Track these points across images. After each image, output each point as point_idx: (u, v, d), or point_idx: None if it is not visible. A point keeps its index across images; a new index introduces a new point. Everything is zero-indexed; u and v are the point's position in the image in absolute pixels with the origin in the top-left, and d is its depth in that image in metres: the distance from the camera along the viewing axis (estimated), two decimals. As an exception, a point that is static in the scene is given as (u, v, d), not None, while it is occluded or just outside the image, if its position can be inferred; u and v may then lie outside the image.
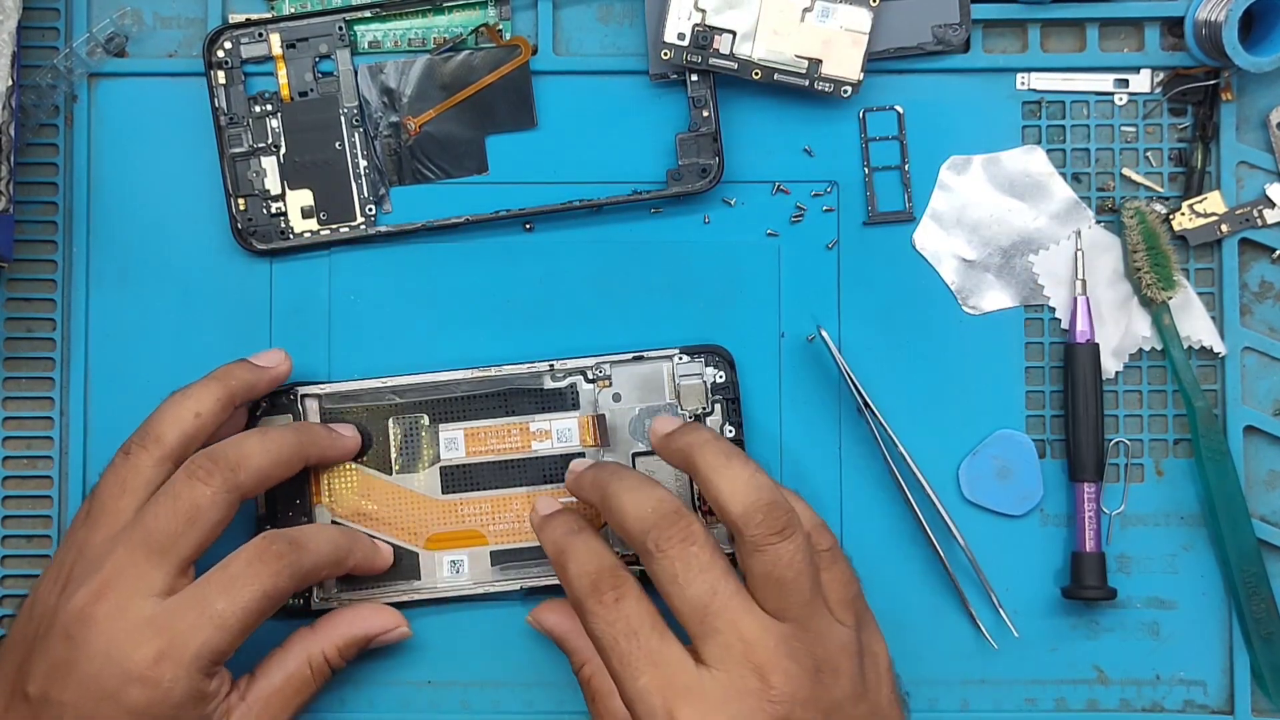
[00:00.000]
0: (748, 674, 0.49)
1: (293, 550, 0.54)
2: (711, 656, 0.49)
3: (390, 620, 0.58)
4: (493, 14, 0.61)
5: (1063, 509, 0.61)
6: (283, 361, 0.59)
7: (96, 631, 0.51)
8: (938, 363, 0.61)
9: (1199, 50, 0.60)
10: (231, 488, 0.53)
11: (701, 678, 0.49)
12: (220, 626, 0.51)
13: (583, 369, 0.60)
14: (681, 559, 0.50)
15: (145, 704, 0.51)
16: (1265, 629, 0.60)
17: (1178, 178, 0.61)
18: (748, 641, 0.49)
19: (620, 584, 0.51)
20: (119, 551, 0.52)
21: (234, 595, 0.52)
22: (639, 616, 0.50)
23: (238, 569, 0.52)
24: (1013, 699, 0.61)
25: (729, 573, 0.50)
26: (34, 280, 0.61)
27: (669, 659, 0.49)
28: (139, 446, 0.55)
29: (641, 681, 0.49)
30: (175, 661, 0.51)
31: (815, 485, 0.60)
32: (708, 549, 0.50)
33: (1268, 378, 0.61)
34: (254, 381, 0.57)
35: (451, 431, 0.60)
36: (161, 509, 0.52)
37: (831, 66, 0.60)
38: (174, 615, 0.51)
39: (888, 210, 0.61)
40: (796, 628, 0.50)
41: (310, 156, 0.61)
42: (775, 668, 0.49)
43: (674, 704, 0.48)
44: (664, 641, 0.50)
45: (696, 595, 0.49)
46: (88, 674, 0.51)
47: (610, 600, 0.50)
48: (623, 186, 0.61)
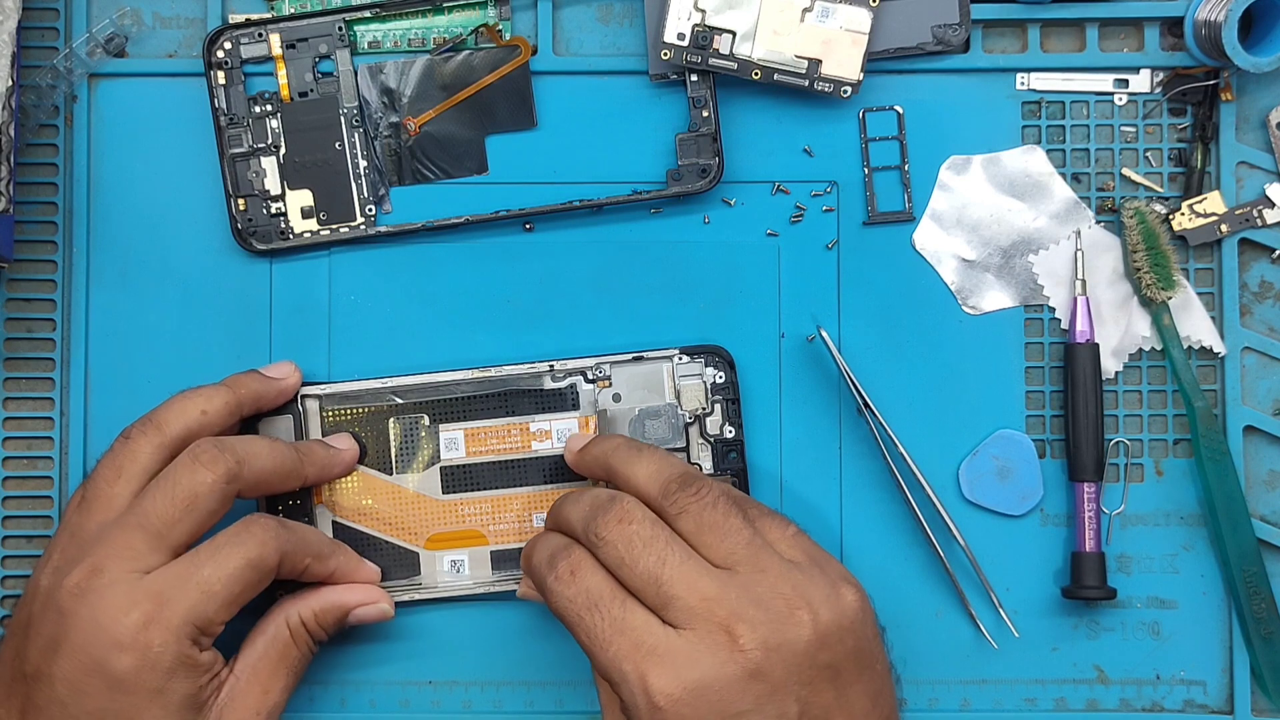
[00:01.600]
0: (714, 629, 0.49)
1: (281, 527, 0.55)
2: (676, 618, 0.49)
3: (370, 594, 0.58)
4: (492, 14, 0.61)
5: (1063, 509, 0.61)
6: (292, 374, 0.59)
7: (87, 604, 0.51)
8: (938, 363, 0.61)
9: (1199, 50, 0.60)
10: (232, 478, 0.53)
11: (670, 638, 0.49)
12: (206, 592, 0.52)
13: (583, 369, 0.60)
14: (623, 540, 0.50)
15: (134, 671, 0.51)
16: (1265, 629, 0.60)
17: (1178, 178, 0.61)
18: (707, 597, 0.49)
19: (573, 557, 0.51)
20: (114, 533, 0.52)
21: (220, 562, 0.52)
22: (598, 588, 0.50)
23: (224, 539, 0.53)
24: (1013, 699, 0.61)
25: (673, 540, 0.50)
26: (34, 280, 0.61)
27: (634, 624, 0.49)
28: (140, 431, 0.55)
29: (611, 651, 0.49)
30: (163, 627, 0.51)
31: (815, 485, 0.61)
32: (647, 524, 0.51)
33: (1267, 378, 0.61)
34: (263, 392, 0.58)
35: (452, 431, 0.60)
36: (160, 493, 0.53)
37: (831, 66, 0.60)
38: (162, 583, 0.52)
39: (888, 210, 0.61)
40: (750, 573, 0.50)
41: (310, 157, 0.61)
42: (739, 617, 0.49)
43: (645, 668, 0.48)
44: (626, 608, 0.50)
45: (646, 569, 0.50)
46: (77, 645, 0.51)
47: (566, 575, 0.51)
48: (623, 186, 0.61)
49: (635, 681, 0.48)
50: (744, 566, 0.50)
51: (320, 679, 0.60)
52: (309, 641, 0.57)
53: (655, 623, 0.49)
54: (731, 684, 0.48)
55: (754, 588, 0.49)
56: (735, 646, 0.48)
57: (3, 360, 0.61)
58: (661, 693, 0.48)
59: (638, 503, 0.52)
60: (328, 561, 0.57)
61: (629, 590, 0.50)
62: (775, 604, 0.49)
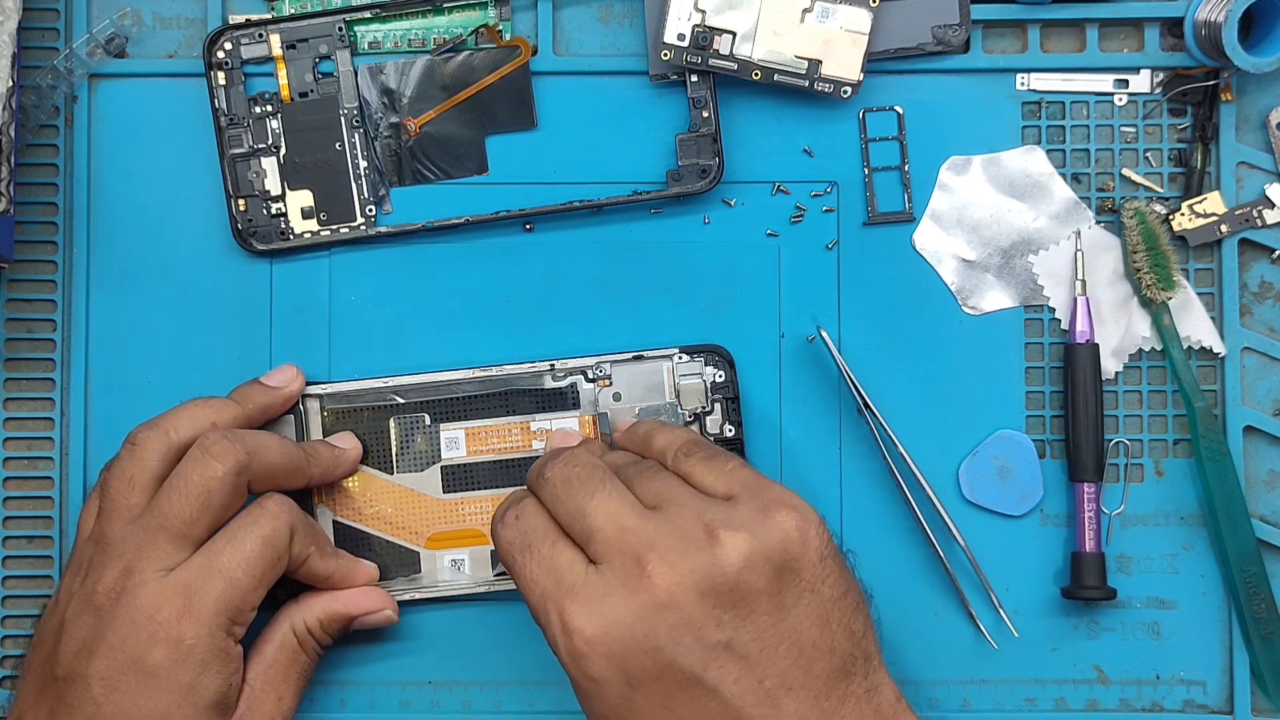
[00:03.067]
0: (628, 562, 0.48)
1: (290, 502, 0.55)
2: (596, 553, 0.49)
3: (375, 602, 0.58)
4: (493, 14, 0.61)
5: (1063, 509, 0.61)
6: (294, 379, 0.59)
7: (123, 603, 0.52)
8: (938, 363, 0.61)
9: (1199, 51, 0.60)
10: (243, 469, 0.54)
11: (588, 575, 0.48)
12: (230, 579, 0.52)
13: (583, 368, 0.60)
14: (561, 479, 0.51)
15: (168, 665, 0.51)
16: (1265, 629, 0.60)
17: (1177, 178, 0.61)
18: (625, 529, 0.49)
19: (518, 503, 0.52)
20: (139, 535, 0.53)
21: (236, 547, 0.53)
22: (534, 529, 0.50)
23: (237, 524, 0.54)
24: (1013, 699, 0.61)
25: (609, 479, 0.50)
26: (34, 281, 0.61)
27: (559, 564, 0.49)
28: (148, 437, 0.55)
29: (537, 593, 0.49)
30: (195, 619, 0.52)
31: (815, 485, 0.60)
32: (586, 467, 0.51)
33: (1267, 378, 0.61)
34: (269, 404, 0.58)
35: (452, 431, 0.60)
36: (176, 493, 0.53)
37: (831, 67, 0.60)
38: (188, 576, 0.52)
39: (888, 210, 0.61)
40: (673, 508, 0.49)
41: (310, 157, 0.61)
42: (651, 547, 0.48)
43: (563, 606, 0.48)
44: (555, 548, 0.49)
45: (575, 503, 0.50)
46: (113, 644, 0.51)
47: (511, 520, 0.51)
48: (623, 187, 0.61)
49: (556, 622, 0.48)
50: (670, 503, 0.50)
51: (320, 679, 0.60)
52: (315, 647, 0.57)
53: (580, 561, 0.49)
54: (643, 616, 0.47)
55: (674, 520, 0.49)
56: (644, 576, 0.48)
57: (3, 360, 0.61)
58: (579, 632, 0.47)
59: (589, 450, 0.52)
60: (329, 559, 0.57)
61: (562, 529, 0.50)
62: (692, 533, 0.48)
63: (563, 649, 0.48)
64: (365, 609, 0.58)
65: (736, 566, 0.48)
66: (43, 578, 0.60)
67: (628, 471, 0.52)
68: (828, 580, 0.49)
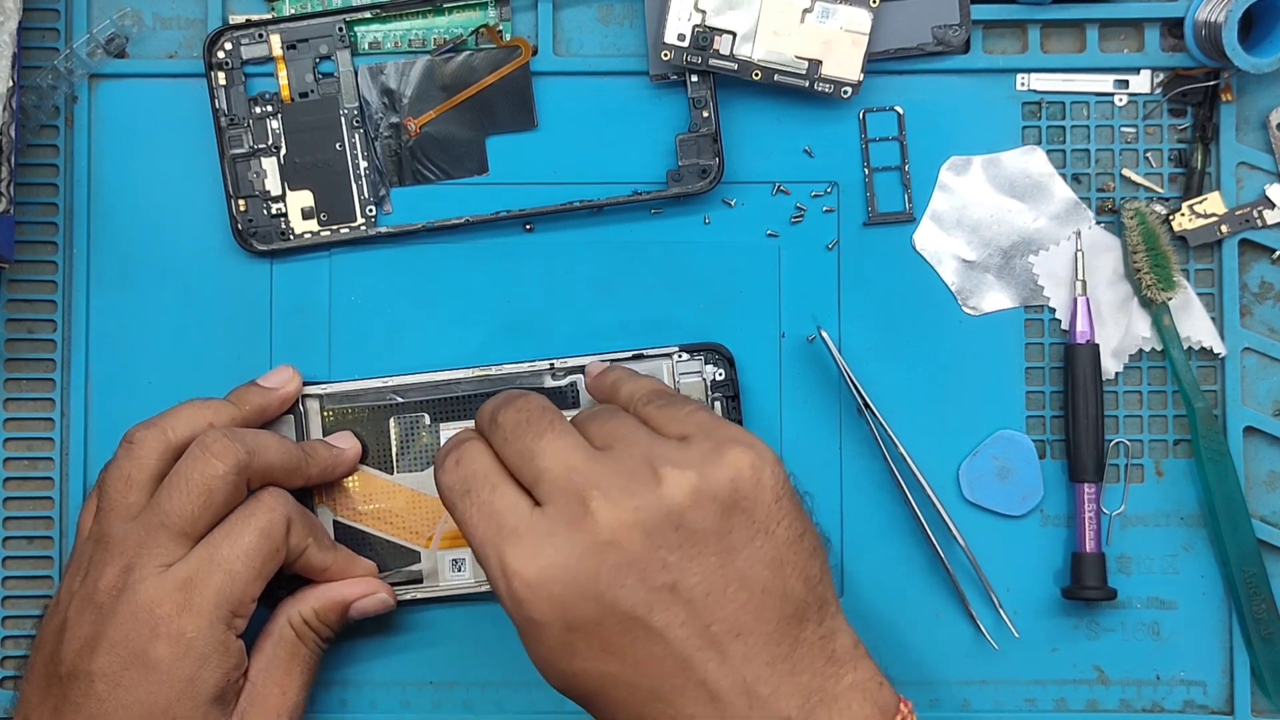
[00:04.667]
0: (570, 500, 0.47)
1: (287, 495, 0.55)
2: (542, 495, 0.48)
3: (368, 586, 0.58)
4: (493, 15, 0.61)
5: (1063, 509, 0.61)
6: (290, 379, 0.59)
7: (124, 599, 0.52)
8: (938, 363, 0.61)
9: (1199, 51, 0.60)
10: (243, 468, 0.54)
11: (531, 518, 0.47)
12: (229, 572, 0.52)
13: (583, 368, 0.60)
14: (511, 422, 0.49)
15: (170, 660, 0.52)
16: (1265, 629, 0.60)
17: (1178, 178, 0.62)
18: (571, 468, 0.47)
19: (461, 447, 0.50)
20: (139, 533, 0.53)
21: (234, 540, 0.53)
22: (474, 473, 0.49)
23: (234, 517, 0.54)
24: (1013, 699, 0.61)
25: (559, 421, 0.49)
26: (34, 281, 0.61)
27: (499, 508, 0.48)
28: (144, 436, 0.55)
29: (476, 537, 0.48)
30: (196, 612, 0.52)
31: (815, 485, 0.60)
32: (537, 411, 0.49)
33: (1267, 378, 0.61)
34: (265, 405, 0.58)
35: (452, 431, 0.60)
36: (176, 491, 0.53)
37: (831, 67, 0.60)
38: (188, 570, 0.52)
39: (888, 211, 0.61)
40: (622, 448, 0.48)
41: (310, 157, 0.61)
42: (595, 485, 0.46)
43: (503, 550, 0.47)
44: (496, 491, 0.48)
45: (524, 444, 0.49)
46: (116, 640, 0.52)
47: (451, 464, 0.50)
48: (623, 187, 0.61)
49: (495, 566, 0.47)
50: (620, 443, 0.48)
51: (321, 679, 0.60)
52: (315, 639, 0.57)
53: (523, 504, 0.48)
54: (584, 557, 0.46)
55: (622, 459, 0.47)
56: (586, 515, 0.46)
57: (3, 360, 0.61)
58: (517, 574, 0.46)
59: (541, 397, 0.51)
60: (327, 551, 0.57)
61: (510, 471, 0.49)
62: (638, 472, 0.47)
63: (503, 592, 0.47)
64: (359, 593, 0.58)
65: (682, 505, 0.46)
66: (43, 578, 0.60)
67: (583, 414, 0.51)
68: (782, 522, 0.48)
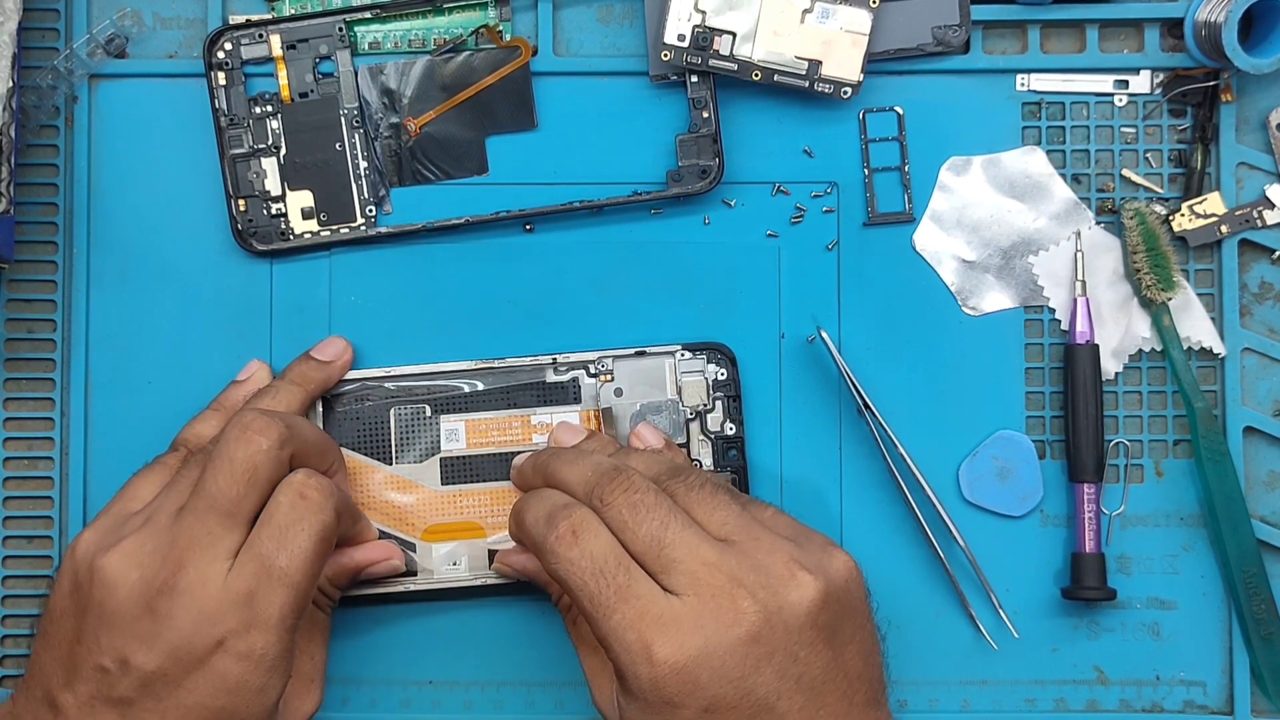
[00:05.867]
0: (716, 593, 0.49)
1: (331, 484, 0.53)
2: (677, 585, 0.49)
3: (381, 552, 0.58)
4: (493, 15, 0.61)
5: (1063, 510, 0.61)
6: (345, 350, 0.60)
7: (181, 604, 0.50)
8: (938, 363, 0.61)
9: (1199, 51, 0.60)
10: (285, 443, 0.52)
11: (673, 605, 0.49)
12: (290, 585, 0.51)
13: (585, 363, 0.60)
14: (628, 505, 0.51)
15: (241, 674, 0.50)
16: (1265, 629, 0.60)
17: (1177, 179, 0.62)
18: (708, 563, 0.49)
19: (574, 516, 0.51)
20: (188, 520, 0.51)
21: (291, 548, 0.51)
22: (603, 552, 0.50)
23: (283, 518, 0.52)
24: (1013, 699, 0.61)
25: (676, 509, 0.51)
26: (34, 281, 0.61)
27: (639, 592, 0.49)
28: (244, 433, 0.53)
29: (615, 619, 0.49)
30: (263, 628, 0.51)
31: (815, 485, 0.61)
32: (651, 493, 0.51)
33: (1267, 379, 0.61)
34: (326, 379, 0.59)
35: (452, 423, 0.60)
36: (222, 474, 0.52)
37: (831, 68, 0.60)
38: (246, 582, 0.51)
39: (888, 211, 0.61)
40: (746, 541, 0.51)
41: (310, 157, 0.61)
42: (740, 582, 0.49)
43: (649, 636, 0.48)
44: (631, 575, 0.50)
45: (649, 533, 0.50)
46: (176, 644, 0.50)
47: (568, 535, 0.50)
48: (623, 187, 0.61)
49: (639, 650, 0.48)
50: (739, 536, 0.51)
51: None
52: (328, 603, 0.58)
53: (658, 591, 0.49)
54: (734, 649, 0.48)
55: (752, 555, 0.50)
56: (737, 611, 0.49)
57: (3, 360, 0.61)
58: (666, 662, 0.48)
59: (640, 473, 0.52)
60: (358, 522, 0.58)
61: (631, 553, 0.50)
62: (774, 569, 0.50)
63: (643, 675, 0.48)
64: (372, 559, 0.58)
65: (818, 604, 0.50)
66: (43, 577, 0.60)
67: (673, 489, 0.52)
68: (870, 620, 0.52)
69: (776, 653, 0.49)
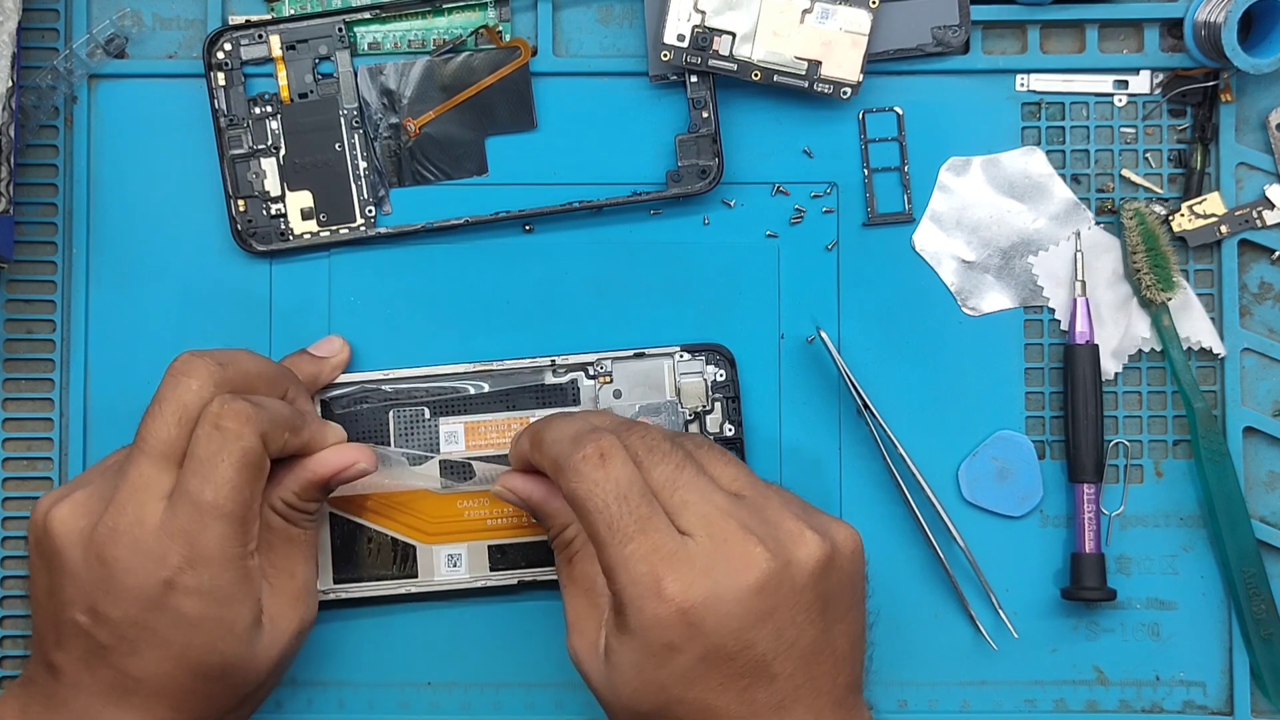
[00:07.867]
0: (728, 539, 0.49)
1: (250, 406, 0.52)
2: (690, 525, 0.49)
3: (347, 457, 0.56)
4: (493, 15, 0.61)
5: (1062, 510, 0.61)
6: (341, 349, 0.59)
7: (124, 547, 0.51)
8: (938, 364, 0.61)
9: (1198, 51, 0.60)
10: (219, 381, 0.52)
11: (686, 545, 0.48)
12: (221, 516, 0.51)
13: (584, 365, 0.60)
14: (644, 447, 0.50)
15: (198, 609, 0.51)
16: (1265, 629, 0.60)
17: (1177, 179, 0.62)
18: (722, 509, 0.49)
19: (602, 440, 0.50)
20: (127, 467, 0.52)
21: (215, 481, 0.51)
22: (629, 479, 0.49)
23: (202, 451, 0.51)
24: (1013, 700, 0.61)
25: (690, 458, 0.51)
26: (34, 281, 0.61)
27: (657, 525, 0.49)
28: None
29: (630, 548, 0.48)
30: (205, 563, 0.51)
31: (815, 485, 0.60)
32: (667, 441, 0.51)
33: (1267, 379, 0.61)
34: (317, 374, 0.59)
35: (451, 425, 0.60)
36: (153, 418, 0.52)
37: (831, 68, 0.60)
38: (180, 520, 0.51)
39: (887, 211, 0.61)
40: (757, 497, 0.51)
41: (310, 158, 0.61)
42: (752, 532, 0.49)
43: (661, 570, 0.48)
44: (653, 508, 0.49)
45: (664, 474, 0.50)
46: (130, 587, 0.50)
47: (595, 457, 0.50)
48: (622, 188, 0.61)
49: (649, 583, 0.48)
50: (749, 493, 0.51)
51: (318, 680, 0.60)
52: (304, 517, 0.56)
53: (674, 530, 0.49)
54: (740, 597, 0.48)
55: (762, 509, 0.50)
56: (749, 556, 0.48)
57: (3, 360, 0.61)
58: (673, 599, 0.48)
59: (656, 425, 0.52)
60: (302, 433, 0.55)
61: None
62: (784, 524, 0.50)
63: (648, 610, 0.48)
64: (336, 467, 0.56)
65: (823, 565, 0.49)
66: (42, 578, 0.60)
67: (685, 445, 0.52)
68: (863, 601, 0.52)
69: (779, 610, 0.48)
